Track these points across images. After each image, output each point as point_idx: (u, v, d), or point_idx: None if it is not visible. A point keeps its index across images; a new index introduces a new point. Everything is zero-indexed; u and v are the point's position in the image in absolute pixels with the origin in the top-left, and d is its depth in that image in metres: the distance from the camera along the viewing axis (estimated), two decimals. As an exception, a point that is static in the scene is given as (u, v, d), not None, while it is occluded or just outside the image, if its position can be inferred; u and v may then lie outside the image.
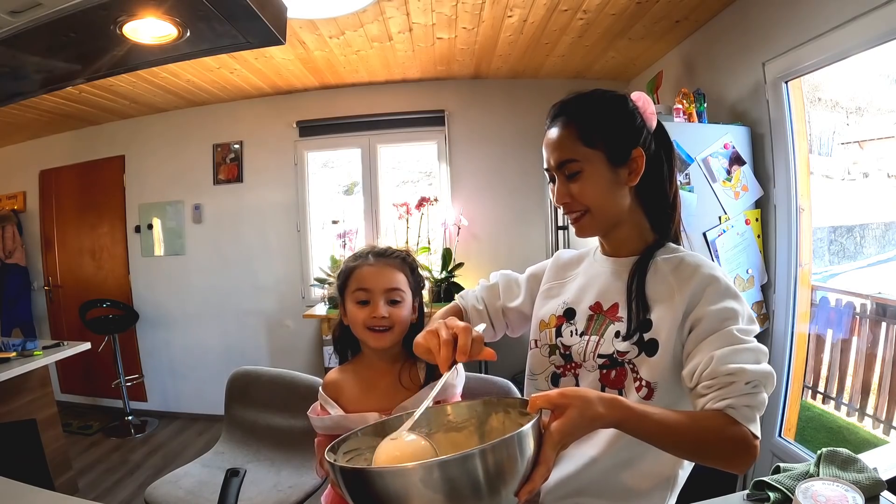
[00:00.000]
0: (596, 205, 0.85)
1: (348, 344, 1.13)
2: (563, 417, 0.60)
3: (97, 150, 3.84)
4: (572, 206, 0.86)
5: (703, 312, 0.77)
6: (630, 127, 0.85)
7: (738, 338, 0.73)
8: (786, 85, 1.95)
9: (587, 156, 0.83)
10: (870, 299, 2.20)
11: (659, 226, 0.90)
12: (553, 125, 0.87)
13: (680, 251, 0.88)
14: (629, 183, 0.85)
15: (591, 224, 0.87)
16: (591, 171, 0.84)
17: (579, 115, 0.85)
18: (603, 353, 0.84)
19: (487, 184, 3.44)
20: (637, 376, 0.80)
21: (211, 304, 3.75)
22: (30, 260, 4.04)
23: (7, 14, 0.87)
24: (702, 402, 0.71)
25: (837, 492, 0.66)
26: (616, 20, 2.43)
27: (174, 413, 3.81)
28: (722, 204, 1.99)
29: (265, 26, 1.03)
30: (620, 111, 0.86)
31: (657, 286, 0.83)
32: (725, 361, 0.70)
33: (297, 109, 3.56)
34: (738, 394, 0.69)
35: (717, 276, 0.80)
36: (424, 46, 2.80)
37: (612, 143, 0.84)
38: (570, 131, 0.84)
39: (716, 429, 0.68)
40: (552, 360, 0.92)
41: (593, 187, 0.84)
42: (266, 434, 1.84)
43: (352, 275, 1.06)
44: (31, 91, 1.30)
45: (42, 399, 2.44)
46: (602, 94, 0.88)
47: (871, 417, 2.19)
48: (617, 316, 0.85)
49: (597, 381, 0.84)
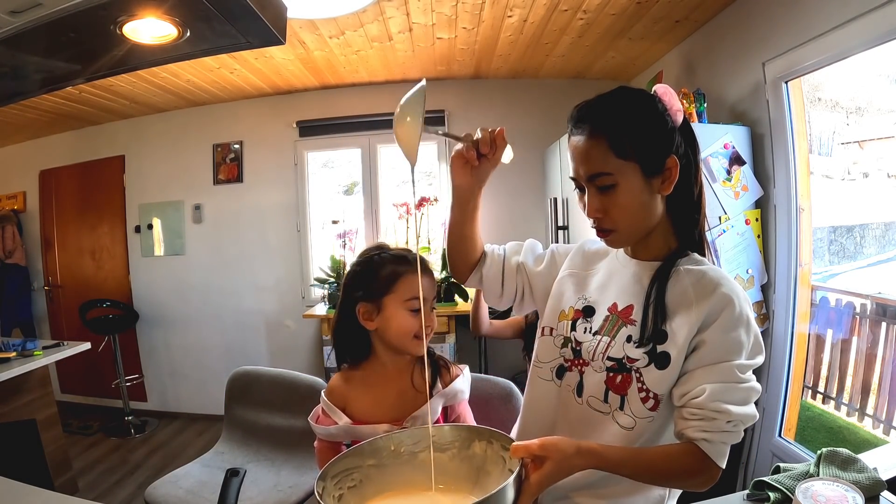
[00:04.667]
0: (627, 221, 0.81)
1: (356, 348, 1.08)
2: (541, 470, 0.65)
3: (97, 150, 3.85)
4: (604, 223, 0.82)
5: (713, 337, 0.77)
6: (662, 133, 0.81)
7: (735, 375, 0.76)
8: (786, 85, 1.95)
9: (620, 168, 0.79)
10: (870, 299, 2.20)
11: (684, 229, 0.87)
12: (579, 132, 0.81)
13: (703, 263, 0.85)
14: (663, 192, 0.82)
15: (620, 240, 0.85)
16: (625, 185, 0.79)
17: (609, 124, 0.79)
18: (612, 357, 0.83)
19: (487, 184, 3.43)
20: (643, 386, 0.80)
21: (211, 304, 3.74)
22: (30, 260, 4.04)
23: (7, 14, 0.87)
24: (682, 425, 0.77)
25: (837, 492, 0.66)
26: (616, 20, 2.43)
27: (174, 413, 3.81)
28: (722, 204, 1.99)
29: (265, 26, 1.03)
30: (652, 116, 0.81)
31: (676, 297, 0.81)
32: (715, 398, 0.74)
33: (297, 109, 3.56)
34: (718, 430, 0.74)
35: (734, 299, 0.79)
36: (424, 46, 2.80)
37: (647, 154, 0.79)
38: (599, 142, 0.79)
39: (686, 466, 0.75)
40: (563, 353, 0.91)
41: (628, 201, 0.80)
42: (266, 434, 1.84)
43: (399, 280, 1.01)
44: (31, 91, 1.30)
45: (42, 399, 2.44)
46: (630, 96, 0.82)
47: (871, 417, 2.18)
48: (630, 318, 0.84)
49: (602, 382, 0.83)
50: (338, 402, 1.06)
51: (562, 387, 0.90)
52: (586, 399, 0.85)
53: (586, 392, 0.85)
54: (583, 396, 0.86)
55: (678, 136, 0.82)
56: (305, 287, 3.61)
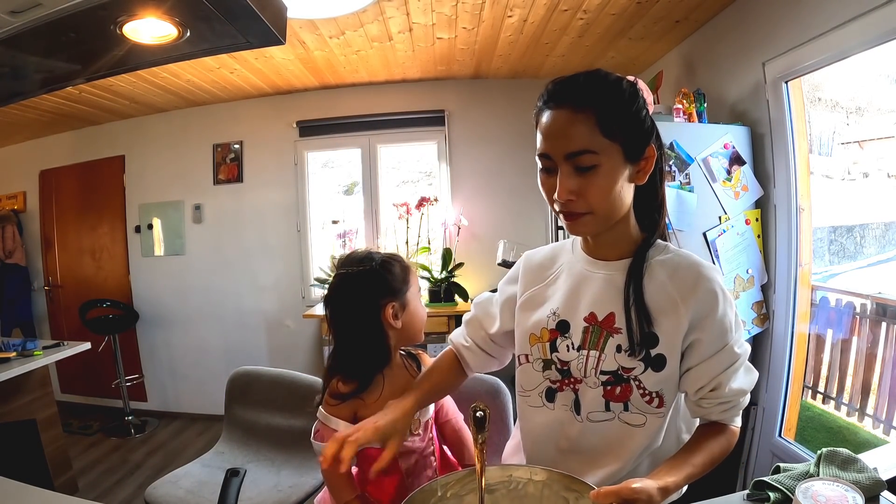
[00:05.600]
0: (603, 205, 0.76)
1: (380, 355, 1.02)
2: None
3: (97, 150, 3.85)
4: (576, 205, 0.76)
5: (707, 332, 0.78)
6: (645, 120, 0.78)
7: (734, 353, 0.80)
8: (786, 85, 1.95)
9: (605, 148, 0.73)
10: (870, 299, 2.20)
11: (648, 224, 0.85)
12: (557, 107, 0.75)
13: (670, 249, 0.84)
14: (637, 181, 0.79)
15: (592, 224, 0.78)
16: (608, 167, 0.74)
17: (599, 100, 0.73)
18: (606, 370, 0.80)
19: (487, 184, 3.44)
20: (645, 391, 0.79)
21: (211, 304, 3.74)
22: (30, 260, 4.04)
23: (7, 14, 0.87)
24: (703, 412, 0.82)
25: (837, 492, 0.66)
26: (616, 20, 2.43)
27: (174, 413, 3.81)
28: (722, 204, 1.99)
29: (265, 26, 1.03)
30: (637, 101, 0.77)
31: (656, 296, 0.79)
32: (728, 385, 0.79)
33: (297, 109, 3.56)
34: (739, 406, 0.82)
35: (716, 288, 0.79)
36: (424, 46, 2.80)
37: (631, 137, 0.75)
38: (587, 117, 0.72)
39: (725, 445, 0.81)
40: (547, 375, 0.87)
41: (607, 184, 0.74)
42: (266, 434, 1.84)
43: (411, 273, 1.08)
44: (31, 91, 1.30)
45: (42, 399, 2.44)
46: (617, 79, 0.77)
47: (871, 417, 2.18)
48: (615, 327, 0.80)
49: (600, 397, 0.82)
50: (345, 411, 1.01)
51: (556, 408, 0.86)
52: (586, 415, 0.83)
53: (585, 409, 0.83)
54: (581, 414, 0.84)
55: (655, 129, 0.80)
56: (305, 287, 3.61)
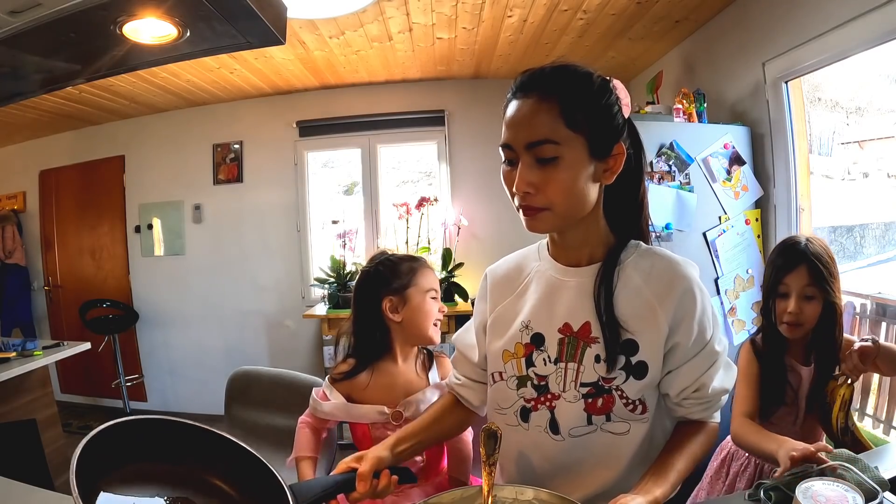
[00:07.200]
0: (563, 201, 0.73)
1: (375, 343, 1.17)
2: None
3: (97, 150, 3.85)
4: (535, 199, 0.73)
5: (688, 335, 0.76)
6: (615, 116, 0.75)
7: (714, 351, 0.79)
8: (786, 85, 1.95)
9: (568, 140, 0.71)
10: (870, 299, 2.19)
11: (621, 227, 0.82)
12: (525, 97, 0.73)
13: (643, 249, 0.82)
14: (605, 181, 0.76)
15: (551, 220, 0.75)
16: (570, 160, 0.71)
17: (564, 89, 0.72)
18: (586, 382, 0.77)
19: (487, 184, 3.43)
20: (628, 400, 0.77)
21: (211, 304, 3.74)
22: (30, 260, 4.04)
23: (7, 14, 0.86)
24: (685, 412, 0.81)
25: (837, 492, 0.66)
26: (616, 20, 2.43)
27: (174, 413, 3.78)
28: (722, 204, 1.99)
29: (265, 26, 1.03)
30: (607, 96, 0.74)
31: (632, 301, 0.76)
32: (711, 385, 0.79)
33: (297, 109, 3.56)
34: (719, 405, 0.82)
35: (691, 281, 0.78)
36: (424, 46, 2.80)
37: (597, 131, 0.72)
38: (550, 106, 0.71)
39: (707, 442, 0.82)
40: (521, 394, 0.82)
41: (568, 178, 0.71)
42: (266, 434, 1.84)
43: (418, 274, 1.16)
44: (31, 91, 1.30)
45: (42, 399, 2.44)
46: (587, 72, 0.75)
47: (871, 417, 2.18)
48: (591, 337, 0.77)
49: (581, 411, 0.77)
50: (342, 388, 1.17)
51: (530, 429, 0.82)
52: (567, 433, 0.79)
53: (565, 427, 0.79)
54: (561, 433, 0.79)
55: (626, 129, 0.77)
56: (305, 287, 3.61)
